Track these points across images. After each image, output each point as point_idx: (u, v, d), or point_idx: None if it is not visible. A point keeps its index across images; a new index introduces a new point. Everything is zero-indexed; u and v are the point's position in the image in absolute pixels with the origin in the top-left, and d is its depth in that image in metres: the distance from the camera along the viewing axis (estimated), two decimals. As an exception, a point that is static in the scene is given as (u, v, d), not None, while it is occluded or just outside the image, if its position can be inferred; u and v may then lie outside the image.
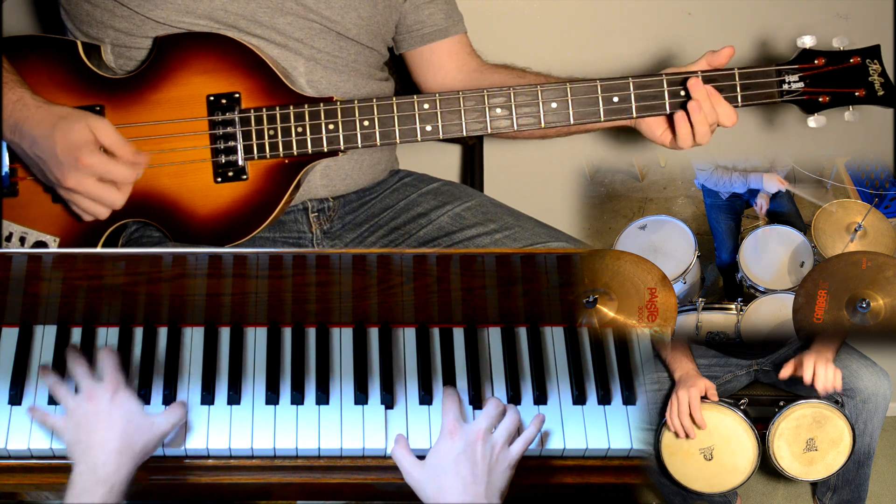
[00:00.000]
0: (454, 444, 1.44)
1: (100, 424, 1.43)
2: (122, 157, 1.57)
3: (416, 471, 1.46)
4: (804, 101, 1.63)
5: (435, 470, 1.44)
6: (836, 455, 1.88)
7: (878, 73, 1.61)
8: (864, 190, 2.18)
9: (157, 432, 1.47)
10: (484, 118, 1.64)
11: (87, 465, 1.40)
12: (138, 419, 1.46)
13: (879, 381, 1.90)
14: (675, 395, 1.82)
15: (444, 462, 1.43)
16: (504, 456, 1.46)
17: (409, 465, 1.47)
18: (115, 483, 1.39)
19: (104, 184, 1.57)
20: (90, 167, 1.54)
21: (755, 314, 2.04)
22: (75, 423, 1.45)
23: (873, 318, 1.73)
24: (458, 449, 1.43)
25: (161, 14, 1.64)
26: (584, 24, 2.13)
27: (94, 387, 1.47)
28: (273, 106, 1.64)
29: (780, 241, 2.12)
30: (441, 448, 1.45)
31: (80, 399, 1.47)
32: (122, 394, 1.47)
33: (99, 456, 1.40)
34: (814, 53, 1.63)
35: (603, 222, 2.28)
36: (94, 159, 1.54)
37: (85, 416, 1.45)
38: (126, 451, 1.42)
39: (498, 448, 1.46)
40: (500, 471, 1.44)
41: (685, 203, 2.32)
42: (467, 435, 1.45)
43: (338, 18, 1.71)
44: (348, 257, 1.50)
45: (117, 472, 1.40)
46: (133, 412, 1.46)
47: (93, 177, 1.55)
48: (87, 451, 1.41)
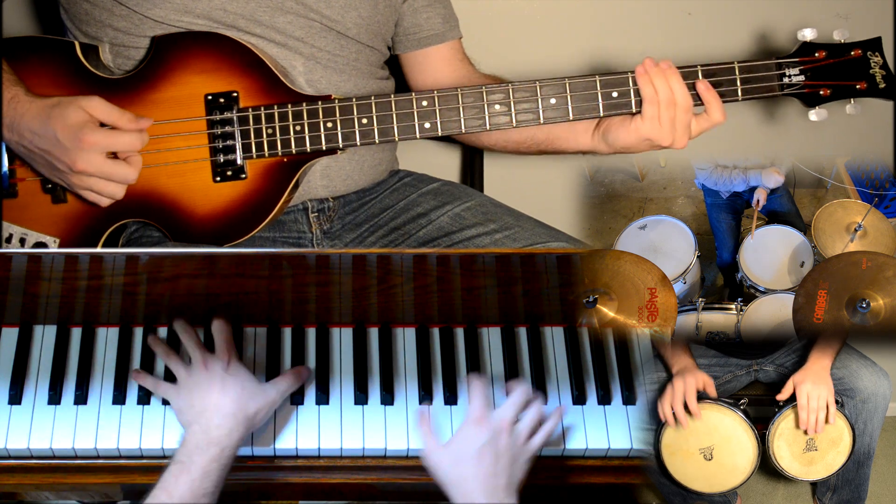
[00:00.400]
0: (480, 432, 1.43)
1: (213, 388, 1.46)
2: (123, 126, 1.58)
3: (437, 453, 1.46)
4: (805, 95, 1.62)
5: (457, 456, 1.43)
6: (836, 455, 1.88)
7: (880, 66, 1.60)
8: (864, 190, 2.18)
9: (270, 399, 1.49)
10: (483, 115, 1.64)
11: (201, 426, 1.42)
12: (252, 386, 1.48)
13: (879, 381, 1.90)
14: (671, 385, 1.81)
15: (467, 450, 1.43)
16: (525, 449, 1.46)
17: (430, 445, 1.47)
18: (227, 446, 1.41)
19: (114, 160, 1.57)
20: (95, 144, 1.55)
21: (755, 314, 2.04)
22: (188, 390, 1.48)
23: (873, 318, 1.73)
24: (483, 439, 1.43)
25: (159, 13, 1.64)
26: (584, 24, 2.13)
27: (208, 356, 1.50)
28: (271, 105, 1.64)
29: (779, 241, 2.12)
30: (466, 435, 1.44)
31: (194, 367, 1.50)
32: (236, 363, 1.50)
33: (213, 418, 1.43)
34: (814, 46, 1.62)
35: (603, 222, 2.28)
36: (97, 136, 1.55)
37: (198, 382, 1.47)
38: (240, 415, 1.44)
39: (521, 441, 1.46)
40: (520, 463, 1.45)
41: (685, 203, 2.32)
42: (493, 425, 1.44)
43: (338, 17, 1.71)
44: (348, 257, 1.50)
45: (230, 435, 1.42)
46: (247, 379, 1.48)
47: (101, 154, 1.56)
48: (202, 413, 1.44)
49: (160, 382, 1.53)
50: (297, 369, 1.56)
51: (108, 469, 1.54)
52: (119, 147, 1.57)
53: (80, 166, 1.55)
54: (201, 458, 1.39)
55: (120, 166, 1.58)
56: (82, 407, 1.54)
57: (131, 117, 1.59)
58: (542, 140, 1.78)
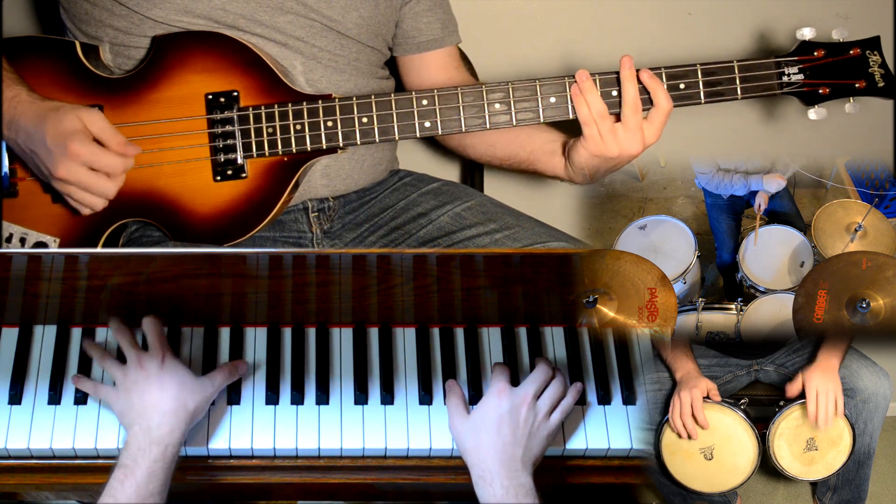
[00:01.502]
0: (500, 403, 1.47)
1: (152, 388, 1.45)
2: (111, 147, 1.57)
3: (460, 422, 1.49)
4: (804, 93, 1.63)
5: (477, 424, 1.47)
6: (836, 455, 1.88)
7: (879, 65, 1.61)
8: (864, 190, 2.18)
9: (208, 394, 1.49)
10: (483, 114, 1.64)
11: (142, 427, 1.42)
12: (189, 382, 1.48)
13: (879, 381, 1.90)
14: (677, 396, 1.82)
15: (487, 419, 1.46)
16: (545, 425, 1.49)
17: (455, 414, 1.51)
18: (170, 444, 1.41)
19: (95, 173, 1.57)
20: (79, 156, 1.55)
21: (755, 314, 2.04)
22: (126, 390, 1.47)
23: (873, 318, 1.73)
24: (504, 409, 1.46)
25: (159, 13, 1.64)
26: (583, 24, 2.13)
27: (142, 355, 1.49)
28: (272, 104, 1.64)
29: (780, 241, 2.12)
30: (487, 405, 1.48)
31: (129, 367, 1.49)
32: (171, 359, 1.49)
33: (153, 417, 1.43)
34: (813, 45, 1.62)
35: (603, 222, 2.28)
36: (84, 148, 1.55)
37: (136, 382, 1.47)
38: (180, 412, 1.44)
39: (541, 416, 1.49)
40: (539, 438, 1.47)
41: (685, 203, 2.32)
42: (514, 398, 1.48)
43: (339, 18, 1.71)
44: (348, 257, 1.50)
45: (171, 433, 1.42)
46: (183, 375, 1.48)
47: (83, 166, 1.56)
48: (142, 414, 1.43)
49: (99, 385, 1.52)
50: (234, 363, 1.56)
51: (107, 469, 1.52)
52: (100, 166, 1.57)
53: (60, 173, 1.55)
54: (145, 459, 1.39)
55: (100, 179, 1.57)
56: (82, 407, 1.54)
57: (122, 141, 1.58)
58: (524, 159, 1.79)
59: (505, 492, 1.39)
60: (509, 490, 1.39)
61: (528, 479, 1.42)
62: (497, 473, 1.40)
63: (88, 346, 1.56)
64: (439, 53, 1.83)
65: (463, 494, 1.45)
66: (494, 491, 1.39)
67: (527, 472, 1.42)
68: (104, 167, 1.57)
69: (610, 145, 1.61)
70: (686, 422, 1.81)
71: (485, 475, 1.41)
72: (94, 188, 1.58)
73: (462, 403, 1.52)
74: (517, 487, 1.40)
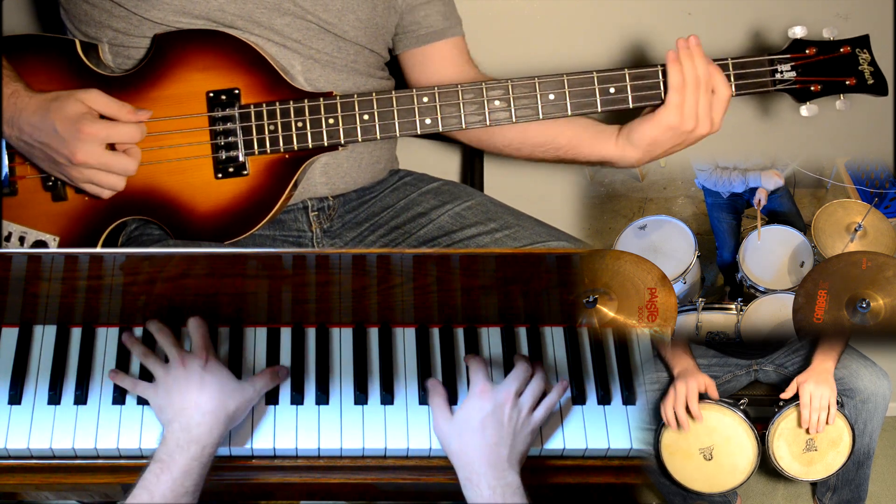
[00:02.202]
0: (483, 403, 1.47)
1: (192, 387, 1.45)
2: (121, 117, 1.58)
3: (445, 424, 1.49)
4: (796, 90, 1.65)
5: (461, 426, 1.46)
6: (836, 455, 1.88)
7: (868, 62, 1.64)
8: (865, 190, 2.18)
9: (248, 397, 1.49)
10: (483, 110, 1.65)
11: (181, 424, 1.42)
12: (231, 384, 1.48)
13: (879, 381, 1.90)
14: (673, 388, 1.81)
15: (471, 420, 1.46)
16: (528, 421, 1.49)
17: (440, 416, 1.50)
18: (208, 444, 1.41)
19: (113, 152, 1.57)
20: (94, 135, 1.55)
21: (755, 314, 2.04)
22: (166, 388, 1.47)
23: (873, 318, 1.73)
24: (487, 409, 1.46)
25: (158, 15, 1.64)
26: (584, 24, 2.13)
27: (185, 354, 1.50)
28: (273, 101, 1.65)
29: (780, 241, 2.12)
30: (470, 406, 1.47)
31: (172, 365, 1.49)
32: (214, 361, 1.49)
33: (193, 416, 1.43)
34: (805, 43, 1.65)
35: (603, 222, 2.28)
36: (96, 126, 1.55)
37: (177, 379, 1.47)
38: (220, 412, 1.44)
39: (524, 413, 1.48)
40: (523, 435, 1.47)
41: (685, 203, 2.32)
42: (497, 397, 1.47)
43: (335, 21, 1.70)
44: (348, 257, 1.50)
45: (210, 433, 1.42)
46: (225, 377, 1.48)
47: (100, 145, 1.56)
48: (182, 412, 1.43)
49: (138, 382, 1.53)
50: (274, 368, 1.56)
51: (108, 469, 1.54)
52: (118, 138, 1.57)
53: (80, 157, 1.55)
54: (182, 456, 1.39)
55: (119, 157, 1.58)
56: (82, 407, 1.54)
57: (130, 109, 1.59)
58: (563, 145, 1.75)
59: (492, 492, 1.39)
60: (496, 490, 1.39)
61: (516, 477, 1.42)
62: (484, 475, 1.40)
63: (129, 342, 1.57)
64: (442, 47, 1.82)
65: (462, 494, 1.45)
66: (482, 492, 1.39)
67: (513, 471, 1.42)
68: (122, 138, 1.57)
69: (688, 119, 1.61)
70: (679, 412, 1.79)
71: (472, 476, 1.41)
72: (115, 167, 1.58)
73: (445, 404, 1.52)
74: (504, 487, 1.39)
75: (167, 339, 1.53)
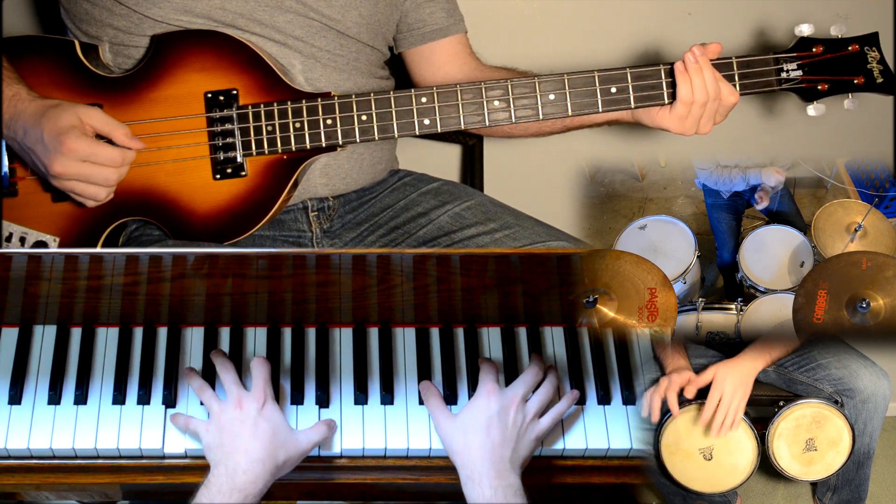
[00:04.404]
0: (490, 404, 1.47)
1: (245, 432, 1.42)
2: (117, 138, 1.58)
3: (447, 422, 1.49)
4: (803, 89, 1.63)
5: (465, 425, 1.46)
6: (836, 455, 1.88)
7: (877, 61, 1.62)
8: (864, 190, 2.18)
9: (301, 449, 1.46)
10: (482, 111, 1.65)
11: (227, 469, 1.39)
12: (284, 433, 1.45)
13: (879, 381, 1.90)
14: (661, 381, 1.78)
15: (476, 420, 1.46)
16: (533, 426, 1.49)
17: (440, 415, 1.50)
18: (251, 493, 1.38)
19: (91, 164, 1.56)
20: (74, 150, 1.55)
21: (755, 314, 2.04)
22: (219, 427, 1.44)
23: (873, 318, 1.73)
24: (493, 410, 1.46)
25: (159, 12, 1.64)
26: (584, 24, 2.13)
27: (243, 395, 1.46)
28: (271, 102, 1.65)
29: (780, 241, 2.12)
30: (476, 405, 1.47)
31: (227, 405, 1.46)
32: (271, 406, 1.46)
33: (241, 463, 1.39)
34: (812, 41, 1.63)
35: (603, 222, 2.28)
36: (79, 143, 1.55)
37: (231, 421, 1.44)
38: (268, 462, 1.41)
39: (529, 417, 1.48)
40: (527, 440, 1.47)
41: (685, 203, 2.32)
42: (503, 399, 1.47)
43: (338, 17, 1.70)
44: (348, 257, 1.50)
45: (255, 482, 1.39)
46: (280, 425, 1.45)
47: (77, 160, 1.55)
48: (230, 456, 1.40)
49: (191, 419, 1.50)
50: (329, 421, 1.52)
51: (108, 469, 1.54)
52: (97, 159, 1.57)
53: (56, 169, 1.55)
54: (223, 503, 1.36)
55: (97, 168, 1.57)
56: (82, 407, 1.54)
57: (126, 133, 1.59)
58: (574, 122, 1.77)
59: (493, 492, 1.39)
60: (498, 490, 1.39)
61: (517, 479, 1.42)
62: (486, 474, 1.40)
63: (189, 375, 1.54)
64: (447, 43, 1.83)
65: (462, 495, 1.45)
66: (483, 491, 1.39)
67: (515, 473, 1.42)
68: (102, 160, 1.57)
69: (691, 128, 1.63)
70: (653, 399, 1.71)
71: (473, 475, 1.41)
72: (93, 178, 1.57)
73: (442, 403, 1.52)
74: (506, 488, 1.39)
75: (228, 375, 1.50)
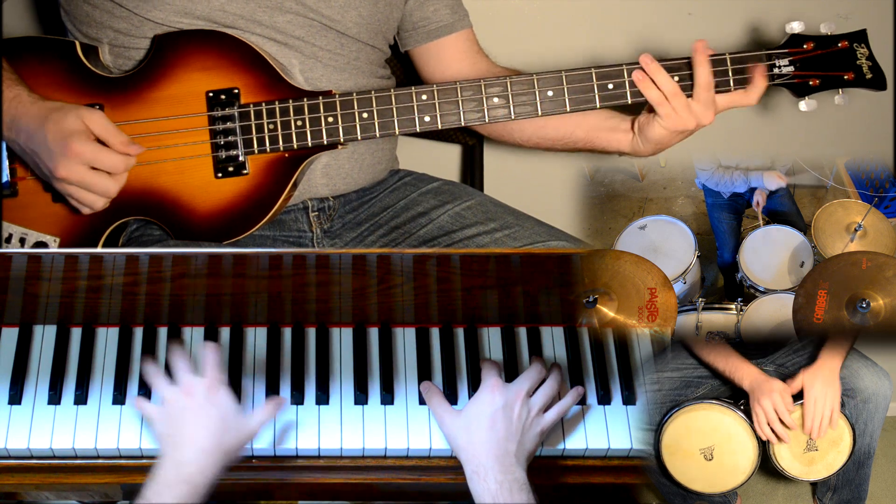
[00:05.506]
0: (494, 398, 1.47)
1: (193, 420, 1.42)
2: (114, 146, 1.58)
3: (451, 419, 1.49)
4: (795, 85, 1.66)
5: (470, 420, 1.46)
6: (837, 455, 1.88)
7: (866, 57, 1.65)
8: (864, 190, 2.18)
9: (248, 432, 1.46)
10: (482, 107, 1.66)
11: (173, 461, 1.38)
12: (232, 419, 1.44)
13: (880, 381, 1.90)
14: (758, 405, 1.79)
15: (481, 415, 1.46)
16: (538, 421, 1.49)
17: (444, 412, 1.50)
18: (199, 484, 1.37)
19: (96, 172, 1.57)
20: (80, 155, 1.55)
21: (755, 314, 2.04)
22: (168, 416, 1.44)
23: (873, 318, 1.73)
24: (498, 405, 1.46)
25: (159, 15, 1.64)
26: (583, 24, 2.13)
27: (192, 381, 1.46)
28: (272, 100, 1.65)
29: (780, 242, 2.12)
30: (481, 400, 1.47)
31: (177, 391, 1.46)
32: (220, 391, 1.45)
33: (186, 453, 1.39)
34: (803, 38, 1.66)
35: (603, 222, 2.28)
36: (85, 147, 1.55)
37: (181, 409, 1.44)
38: (215, 451, 1.40)
39: (534, 412, 1.48)
40: (532, 434, 1.47)
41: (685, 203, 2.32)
42: (508, 393, 1.47)
43: (338, 17, 1.71)
44: (348, 257, 1.50)
45: (202, 472, 1.38)
46: (228, 412, 1.44)
47: (83, 165, 1.56)
48: (176, 447, 1.40)
49: (145, 403, 1.49)
50: (275, 399, 1.51)
51: (108, 469, 1.54)
52: (102, 165, 1.57)
53: (61, 173, 1.55)
54: (171, 496, 1.35)
55: (101, 178, 1.57)
56: (82, 407, 1.54)
57: (124, 140, 1.59)
58: (580, 138, 1.79)
59: (499, 486, 1.39)
60: (503, 485, 1.39)
61: (523, 473, 1.42)
62: (491, 468, 1.40)
63: (144, 363, 1.53)
64: (454, 40, 1.83)
65: (463, 494, 1.45)
66: (489, 486, 1.39)
67: (521, 468, 1.42)
68: (105, 166, 1.57)
69: (687, 120, 1.64)
70: (776, 428, 1.79)
71: (479, 470, 1.41)
72: (95, 187, 1.58)
73: (444, 400, 1.53)
74: (511, 482, 1.39)
75: (180, 363, 1.49)
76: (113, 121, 1.60)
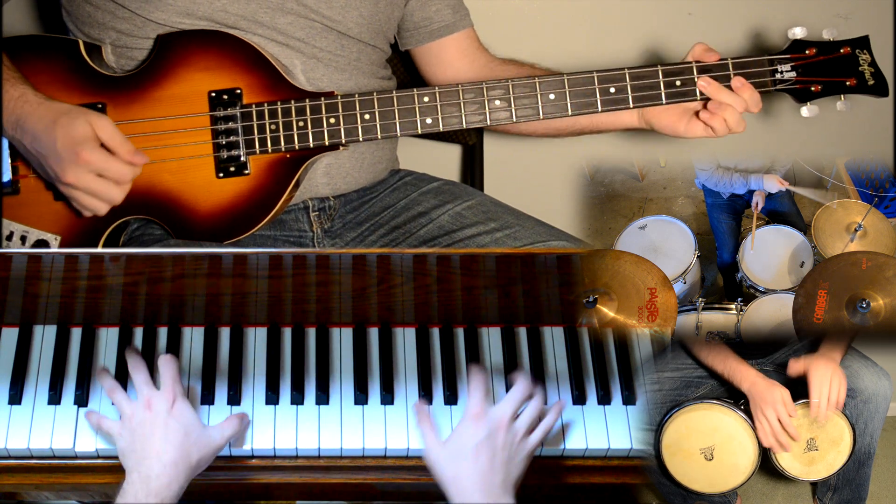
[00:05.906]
0: (477, 429, 1.42)
1: (157, 434, 1.41)
2: (120, 155, 1.58)
3: (436, 449, 1.45)
4: (797, 90, 1.66)
5: (454, 453, 1.42)
6: (837, 455, 1.88)
7: (868, 63, 1.65)
8: (864, 190, 2.18)
9: (214, 446, 1.45)
10: (483, 110, 1.66)
11: (141, 475, 1.38)
12: (196, 432, 1.43)
13: (880, 381, 1.90)
14: (762, 415, 1.79)
15: (464, 447, 1.42)
16: (523, 445, 1.45)
17: (430, 442, 1.46)
18: (167, 496, 1.36)
19: (103, 179, 1.57)
20: (89, 163, 1.55)
21: (755, 314, 2.04)
22: (131, 431, 1.43)
23: (873, 318, 1.73)
24: (481, 436, 1.42)
25: (161, 16, 1.64)
26: (583, 24, 2.13)
27: (153, 395, 1.45)
28: (274, 101, 1.65)
29: (780, 242, 2.12)
30: (463, 431, 1.44)
31: (138, 406, 1.44)
32: (181, 404, 1.45)
33: (153, 467, 1.38)
34: (805, 44, 1.66)
35: (603, 222, 2.28)
36: (94, 155, 1.55)
37: (142, 423, 1.42)
38: (181, 463, 1.39)
39: (519, 437, 1.45)
40: (518, 461, 1.44)
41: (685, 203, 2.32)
42: (491, 421, 1.43)
43: (339, 18, 1.71)
44: (348, 257, 1.50)
45: (170, 486, 1.37)
46: (191, 424, 1.44)
47: (91, 172, 1.56)
48: (142, 461, 1.39)
49: (104, 419, 1.48)
50: (241, 415, 1.51)
51: (108, 469, 1.54)
52: (110, 174, 1.57)
53: (69, 179, 1.56)
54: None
55: (107, 186, 1.58)
56: (82, 407, 1.54)
57: (130, 150, 1.59)
58: (585, 125, 1.81)
59: None
60: None
61: (511, 499, 1.39)
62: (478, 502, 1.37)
63: (101, 376, 1.52)
64: (456, 39, 1.84)
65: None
66: None
67: (509, 495, 1.39)
68: (113, 175, 1.57)
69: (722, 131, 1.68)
70: (781, 439, 1.78)
71: None
72: (101, 194, 1.58)
73: (433, 430, 1.47)
74: None
75: (140, 376, 1.48)
76: (115, 120, 1.60)
